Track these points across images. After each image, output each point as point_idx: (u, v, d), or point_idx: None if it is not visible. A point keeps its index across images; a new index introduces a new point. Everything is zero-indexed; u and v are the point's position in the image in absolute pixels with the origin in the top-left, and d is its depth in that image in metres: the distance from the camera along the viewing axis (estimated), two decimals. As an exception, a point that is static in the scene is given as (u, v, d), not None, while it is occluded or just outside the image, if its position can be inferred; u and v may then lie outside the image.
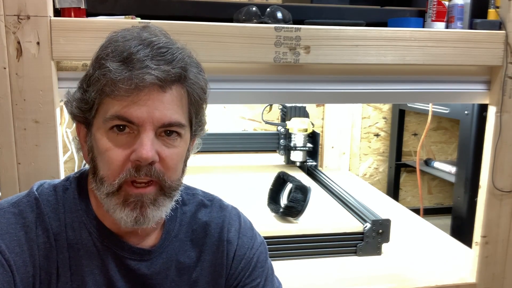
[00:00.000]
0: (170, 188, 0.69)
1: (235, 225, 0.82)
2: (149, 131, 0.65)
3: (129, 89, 0.64)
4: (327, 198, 1.69)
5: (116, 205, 0.67)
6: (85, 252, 0.71)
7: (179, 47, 0.69)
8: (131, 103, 0.64)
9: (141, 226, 0.69)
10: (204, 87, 0.72)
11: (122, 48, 0.65)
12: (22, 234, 0.67)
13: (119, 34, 0.68)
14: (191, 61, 0.70)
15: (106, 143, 0.66)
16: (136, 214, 0.67)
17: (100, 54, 0.67)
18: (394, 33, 1.09)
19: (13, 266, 0.65)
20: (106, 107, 0.66)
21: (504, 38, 1.15)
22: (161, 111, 0.65)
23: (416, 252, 1.46)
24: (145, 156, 0.64)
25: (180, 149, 0.70)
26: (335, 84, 1.14)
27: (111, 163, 0.66)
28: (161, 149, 0.67)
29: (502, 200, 1.25)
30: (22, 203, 0.70)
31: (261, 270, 0.81)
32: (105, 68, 0.65)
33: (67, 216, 0.71)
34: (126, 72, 0.63)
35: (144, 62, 0.64)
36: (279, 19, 1.08)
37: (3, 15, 0.90)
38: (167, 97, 0.66)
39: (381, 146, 2.44)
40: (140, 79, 0.63)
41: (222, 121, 2.29)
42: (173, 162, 0.69)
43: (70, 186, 0.74)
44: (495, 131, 1.21)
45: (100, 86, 0.66)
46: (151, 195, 0.68)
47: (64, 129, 1.87)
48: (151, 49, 0.65)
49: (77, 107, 0.70)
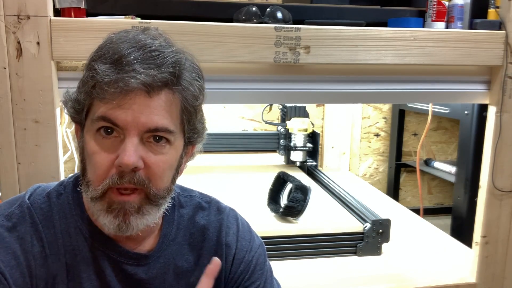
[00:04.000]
0: (156, 196, 0.67)
1: (233, 228, 0.81)
2: (133, 136, 0.63)
3: (114, 92, 0.62)
4: (327, 198, 1.69)
5: (100, 210, 0.66)
6: (82, 258, 0.70)
7: (175, 50, 0.66)
8: (117, 106, 0.63)
9: (125, 234, 0.67)
10: (197, 94, 0.69)
11: (114, 50, 0.64)
12: (17, 246, 0.67)
13: (116, 36, 0.67)
14: (186, 65, 0.67)
15: (94, 145, 0.65)
16: (118, 222, 0.65)
17: (94, 55, 0.67)
18: (394, 33, 1.09)
19: (10, 279, 0.64)
20: (94, 109, 0.65)
21: (504, 38, 1.15)
22: (147, 115, 0.63)
23: (416, 252, 1.46)
24: (126, 162, 0.62)
25: (168, 156, 0.67)
26: (335, 84, 1.13)
27: (97, 167, 0.65)
28: (146, 155, 0.65)
29: (502, 200, 1.25)
30: (14, 214, 0.69)
31: (260, 273, 0.80)
32: (94, 70, 0.64)
33: (62, 223, 0.70)
34: (113, 75, 0.62)
35: (133, 66, 0.62)
36: (279, 19, 1.08)
37: (3, 15, 0.90)
38: (154, 102, 0.64)
39: (381, 146, 2.44)
40: (125, 82, 0.62)
41: (222, 121, 2.29)
42: (159, 169, 0.66)
43: (64, 191, 0.73)
44: (495, 131, 1.21)
45: (88, 88, 0.65)
46: (135, 203, 0.66)
47: (64, 129, 1.87)
48: (142, 52, 0.63)
49: (71, 107, 0.69)
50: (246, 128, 2.33)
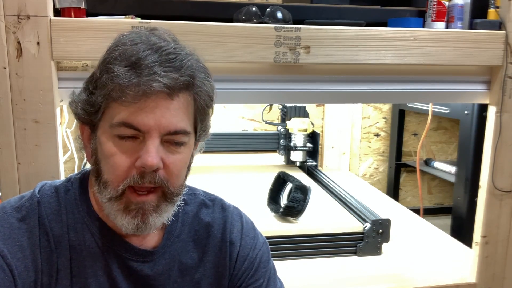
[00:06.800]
0: (172, 194, 0.69)
1: (238, 226, 0.82)
2: (155, 138, 0.65)
3: (136, 96, 0.63)
4: (327, 198, 1.69)
5: (118, 211, 0.67)
6: (88, 254, 0.71)
7: (188, 53, 0.68)
8: (138, 109, 0.64)
9: (143, 233, 0.69)
10: (211, 94, 0.71)
11: (130, 52, 0.64)
12: (24, 239, 0.68)
13: (128, 37, 0.67)
14: (199, 67, 0.69)
15: (111, 147, 0.66)
16: (137, 222, 0.67)
17: (108, 57, 0.67)
18: (394, 33, 1.09)
19: (15, 271, 0.65)
20: (113, 112, 0.65)
21: (504, 38, 1.15)
22: (167, 118, 0.65)
23: (416, 252, 1.46)
24: (150, 163, 0.64)
25: (184, 155, 0.70)
26: (335, 84, 1.13)
27: (116, 168, 0.66)
28: (165, 156, 0.67)
29: (502, 200, 1.25)
30: (24, 207, 0.70)
31: (264, 270, 0.81)
32: (113, 72, 0.64)
33: (69, 218, 0.71)
34: (134, 78, 0.63)
35: (153, 69, 0.63)
36: (279, 19, 1.08)
37: (3, 15, 0.90)
38: (174, 105, 0.66)
39: (381, 146, 2.44)
40: (148, 86, 0.63)
41: (222, 121, 2.29)
42: (177, 168, 0.69)
43: (72, 187, 0.74)
44: (495, 131, 1.21)
45: (107, 91, 0.65)
46: (153, 202, 0.68)
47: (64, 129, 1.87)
48: (160, 54, 0.64)
49: (82, 109, 0.69)
50: (246, 128, 2.33)
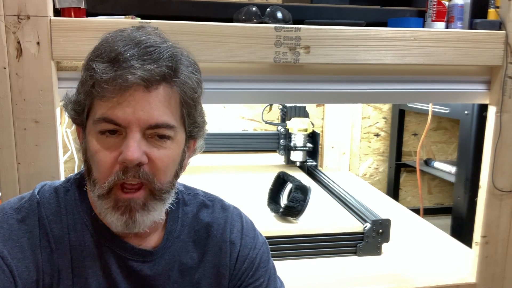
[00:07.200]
0: (160, 191, 0.68)
1: (237, 226, 0.82)
2: (135, 133, 0.64)
3: (114, 90, 0.63)
4: (327, 198, 1.69)
5: (107, 208, 0.67)
6: (88, 254, 0.71)
7: (171, 45, 0.67)
8: (116, 104, 0.64)
9: (132, 231, 0.69)
10: (195, 87, 0.70)
11: (110, 48, 0.65)
12: (24, 240, 0.68)
13: (111, 35, 0.68)
14: (183, 59, 0.68)
15: (96, 145, 0.66)
16: (125, 219, 0.67)
17: (91, 55, 0.67)
18: (394, 33, 1.09)
19: (15, 272, 0.65)
20: (95, 109, 0.66)
21: (504, 38, 1.15)
22: (147, 112, 0.64)
23: (416, 252, 1.46)
24: (130, 158, 0.63)
25: (171, 150, 0.68)
26: (335, 84, 1.13)
27: (101, 165, 0.66)
28: (150, 151, 0.66)
29: (502, 200, 1.25)
30: (24, 208, 0.70)
31: (264, 270, 0.81)
32: (92, 69, 0.64)
33: (69, 218, 0.71)
34: (111, 73, 0.63)
35: (130, 62, 0.63)
36: (279, 19, 1.08)
37: (3, 15, 0.90)
38: (153, 97, 0.65)
39: (381, 146, 2.44)
40: (123, 79, 0.62)
41: (222, 121, 2.29)
42: (163, 164, 0.67)
43: (71, 187, 0.74)
44: (495, 131, 1.21)
45: (88, 88, 0.66)
46: (140, 200, 0.67)
47: (64, 129, 1.87)
48: (138, 48, 0.64)
49: (72, 109, 0.70)
50: (246, 128, 2.33)
